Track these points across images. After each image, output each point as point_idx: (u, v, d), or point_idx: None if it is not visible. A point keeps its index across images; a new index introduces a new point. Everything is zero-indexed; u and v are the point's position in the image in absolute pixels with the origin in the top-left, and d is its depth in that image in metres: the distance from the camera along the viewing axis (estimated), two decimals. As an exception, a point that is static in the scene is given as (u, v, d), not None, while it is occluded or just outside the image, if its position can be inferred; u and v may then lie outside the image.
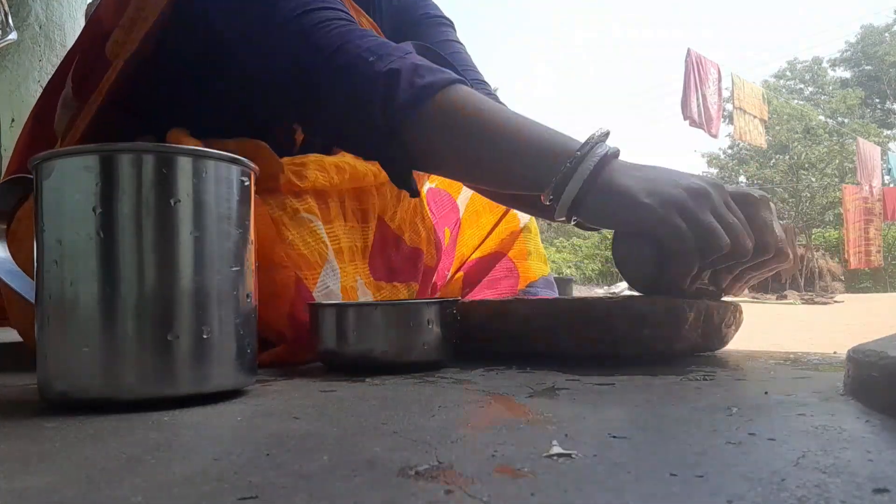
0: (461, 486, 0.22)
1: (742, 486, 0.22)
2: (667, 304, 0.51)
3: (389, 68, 0.56)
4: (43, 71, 2.34)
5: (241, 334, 0.40)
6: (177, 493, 0.22)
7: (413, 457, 0.26)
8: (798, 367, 0.50)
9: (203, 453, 0.27)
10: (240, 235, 0.41)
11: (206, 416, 0.35)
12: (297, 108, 0.63)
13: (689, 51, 8.36)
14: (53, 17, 2.38)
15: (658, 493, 0.21)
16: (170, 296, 0.37)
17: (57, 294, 0.37)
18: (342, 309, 0.51)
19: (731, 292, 0.58)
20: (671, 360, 0.54)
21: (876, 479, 0.22)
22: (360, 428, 0.31)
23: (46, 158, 0.38)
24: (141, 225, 0.37)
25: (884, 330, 0.52)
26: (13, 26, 2.20)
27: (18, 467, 0.26)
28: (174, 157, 0.38)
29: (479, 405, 0.37)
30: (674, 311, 0.51)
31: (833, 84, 26.24)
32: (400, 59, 0.56)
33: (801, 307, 9.09)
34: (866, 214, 11.78)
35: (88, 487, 0.23)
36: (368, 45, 0.58)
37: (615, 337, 0.52)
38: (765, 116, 9.91)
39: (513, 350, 0.56)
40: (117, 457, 0.27)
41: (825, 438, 0.28)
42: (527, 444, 0.28)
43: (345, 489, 0.22)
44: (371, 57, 0.57)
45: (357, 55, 0.57)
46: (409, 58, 0.57)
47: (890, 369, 0.32)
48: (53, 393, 0.37)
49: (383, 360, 0.50)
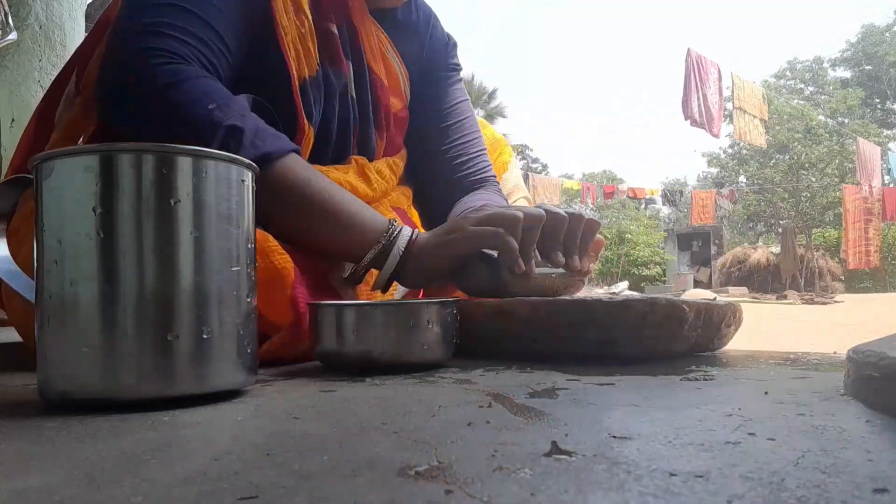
0: (461, 486, 0.22)
1: (742, 486, 0.22)
2: (667, 304, 0.51)
3: (232, 124, 0.57)
4: (43, 71, 2.34)
5: (241, 334, 0.40)
6: (177, 493, 0.22)
7: (413, 457, 0.26)
8: (798, 367, 0.50)
9: (203, 453, 0.27)
10: (240, 235, 0.41)
11: (206, 416, 0.35)
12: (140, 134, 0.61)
13: (689, 51, 8.36)
14: (53, 17, 2.38)
15: (658, 493, 0.21)
16: (170, 296, 0.37)
17: (57, 294, 0.37)
18: (342, 309, 0.51)
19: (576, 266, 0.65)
20: (671, 360, 0.54)
21: (876, 479, 0.22)
22: (360, 428, 0.31)
23: (46, 158, 0.38)
24: (141, 225, 0.37)
25: (884, 330, 0.52)
26: (13, 26, 2.20)
27: (18, 467, 0.26)
28: (174, 157, 0.38)
29: (479, 405, 0.37)
30: (674, 311, 0.51)
31: (833, 84, 26.23)
32: (241, 117, 0.58)
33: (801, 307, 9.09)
34: (866, 214, 11.78)
35: (88, 487, 0.23)
36: (206, 89, 0.58)
37: (615, 337, 0.52)
38: (765, 116, 9.91)
39: (513, 350, 0.56)
40: (117, 457, 0.27)
41: (825, 438, 0.28)
42: (527, 444, 0.28)
43: (345, 489, 0.22)
44: (211, 104, 0.57)
45: (194, 98, 0.57)
46: (249, 118, 0.59)
47: (890, 369, 0.32)
48: (53, 393, 0.37)
49: (383, 360, 0.50)
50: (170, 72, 0.58)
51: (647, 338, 0.51)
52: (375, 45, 0.81)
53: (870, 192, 11.71)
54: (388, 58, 0.84)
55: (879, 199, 11.79)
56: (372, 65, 0.81)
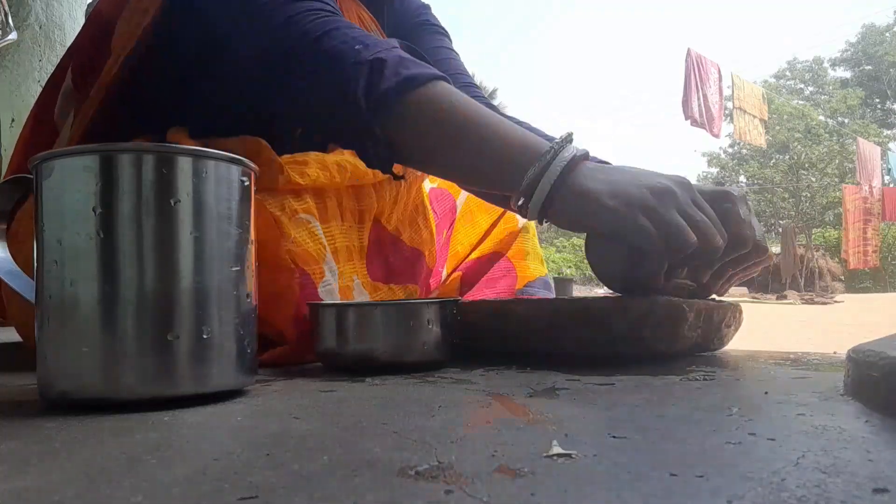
0: (461, 486, 0.22)
1: (742, 486, 0.22)
2: (667, 304, 0.51)
3: (376, 56, 0.57)
4: (43, 71, 2.34)
5: (241, 334, 0.40)
6: (177, 493, 0.22)
7: (413, 457, 0.26)
8: (798, 367, 0.50)
9: (203, 453, 0.27)
10: (240, 235, 0.41)
11: (206, 416, 0.35)
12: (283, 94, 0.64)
13: (689, 50, 8.36)
14: (53, 17, 2.38)
15: (658, 493, 0.21)
16: (170, 296, 0.37)
17: (57, 294, 0.37)
18: (342, 309, 0.51)
19: (714, 290, 0.58)
20: (671, 360, 0.54)
21: (876, 479, 0.22)
22: (360, 428, 0.31)
23: (46, 158, 0.38)
24: (141, 225, 0.37)
25: (884, 330, 0.52)
26: (13, 26, 2.20)
27: (18, 467, 0.26)
28: (174, 157, 0.38)
29: (479, 405, 0.37)
30: (674, 311, 0.51)
31: (833, 84, 26.24)
32: (386, 51, 0.58)
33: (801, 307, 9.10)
34: (865, 214, 11.78)
35: (88, 487, 0.23)
36: (355, 34, 0.59)
37: (615, 337, 0.52)
38: (765, 116, 9.91)
39: (513, 350, 0.56)
40: (117, 457, 0.27)
41: (825, 438, 0.28)
42: (527, 444, 0.28)
43: (345, 489, 0.22)
44: (357, 45, 0.58)
45: (343, 41, 0.58)
46: (395, 50, 0.59)
47: (890, 369, 0.32)
48: (53, 393, 0.37)
49: (383, 360, 0.50)
50: (323, 22, 0.59)
51: (647, 338, 0.51)
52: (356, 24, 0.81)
53: (870, 191, 11.71)
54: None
55: (879, 199, 11.79)
56: None
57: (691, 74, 8.23)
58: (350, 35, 0.59)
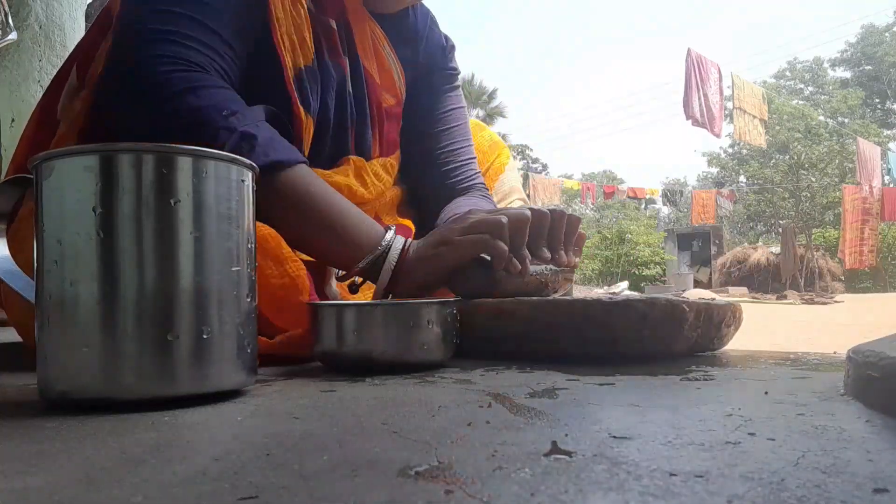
0: (461, 486, 0.22)
1: (742, 486, 0.22)
2: (667, 305, 0.51)
3: (246, 130, 0.58)
4: (43, 71, 2.34)
5: (241, 334, 0.40)
6: (177, 493, 0.22)
7: (413, 457, 0.26)
8: (798, 367, 0.50)
9: (203, 453, 0.27)
10: (240, 235, 0.41)
11: (206, 416, 0.35)
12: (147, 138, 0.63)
13: (690, 50, 8.36)
14: (53, 17, 2.38)
15: (658, 493, 0.21)
16: (170, 296, 0.37)
17: (57, 294, 0.37)
18: (342, 309, 0.51)
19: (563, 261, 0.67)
20: (671, 360, 0.54)
21: (876, 479, 0.22)
22: (360, 428, 0.31)
23: (46, 158, 0.38)
24: (141, 225, 0.37)
25: (884, 330, 0.52)
26: (13, 26, 2.20)
27: (18, 467, 0.26)
28: (174, 157, 0.38)
29: (479, 405, 0.37)
30: (674, 311, 0.51)
31: (833, 84, 26.23)
32: (255, 126, 0.59)
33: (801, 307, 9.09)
34: (864, 214, 11.77)
35: (88, 487, 0.23)
36: (222, 96, 0.60)
37: (615, 337, 0.52)
38: (765, 116, 9.91)
39: (513, 350, 0.56)
40: (117, 457, 0.27)
41: (825, 438, 0.28)
42: (527, 444, 0.28)
43: (345, 489, 0.22)
44: (225, 111, 0.58)
45: (210, 105, 0.58)
46: (263, 126, 0.61)
47: (890, 369, 0.32)
48: (53, 393, 0.37)
49: (383, 360, 0.50)
50: (185, 78, 0.59)
51: (647, 338, 0.51)
52: (369, 42, 0.82)
53: (870, 191, 11.71)
54: (383, 54, 0.84)
55: (879, 200, 11.79)
56: (364, 62, 0.81)
57: (691, 74, 8.24)
58: (219, 98, 0.59)
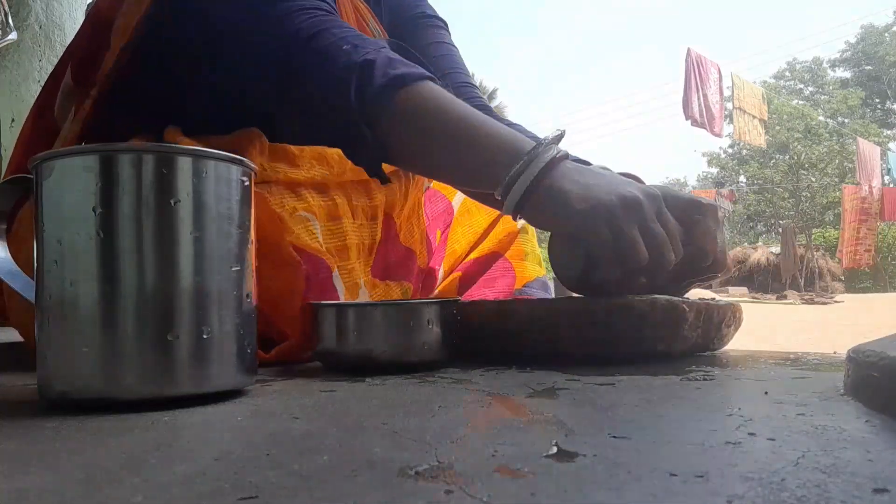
0: (461, 486, 0.22)
1: (742, 486, 0.22)
2: (667, 304, 0.51)
3: (365, 58, 0.58)
4: (43, 71, 2.34)
5: (241, 334, 0.40)
6: (177, 493, 0.22)
7: (413, 457, 0.26)
8: (798, 367, 0.50)
9: (203, 453, 0.27)
10: (240, 235, 0.41)
11: (206, 416, 0.35)
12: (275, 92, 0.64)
13: (689, 50, 8.36)
14: (53, 17, 2.38)
15: (658, 493, 0.21)
16: (170, 296, 0.37)
17: (57, 294, 0.37)
18: (342, 309, 0.51)
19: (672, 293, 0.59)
20: (671, 360, 0.54)
21: (876, 479, 0.22)
22: (360, 428, 0.31)
23: (46, 158, 0.38)
24: (141, 225, 0.37)
25: (884, 330, 0.52)
26: (13, 26, 2.20)
27: (18, 467, 0.26)
28: (174, 157, 0.38)
29: (479, 405, 0.37)
30: (674, 311, 0.51)
31: (833, 84, 26.23)
32: (375, 52, 0.59)
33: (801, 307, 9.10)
34: (863, 214, 11.77)
35: (88, 487, 0.23)
36: (344, 34, 0.60)
37: (615, 337, 0.52)
38: (764, 116, 9.91)
39: (513, 350, 0.56)
40: (117, 457, 0.27)
41: (825, 438, 0.28)
42: (527, 444, 0.28)
43: (345, 489, 0.22)
44: (346, 46, 0.59)
45: (333, 43, 0.59)
46: (383, 51, 0.60)
47: (890, 369, 0.32)
48: (53, 393, 0.37)
49: (383, 360, 0.50)
50: (312, 23, 0.60)
51: (647, 338, 0.51)
52: (353, 18, 0.82)
53: (869, 191, 11.71)
54: (368, 30, 0.84)
55: (878, 199, 11.79)
56: None
57: (691, 74, 8.24)
58: (339, 35, 0.60)
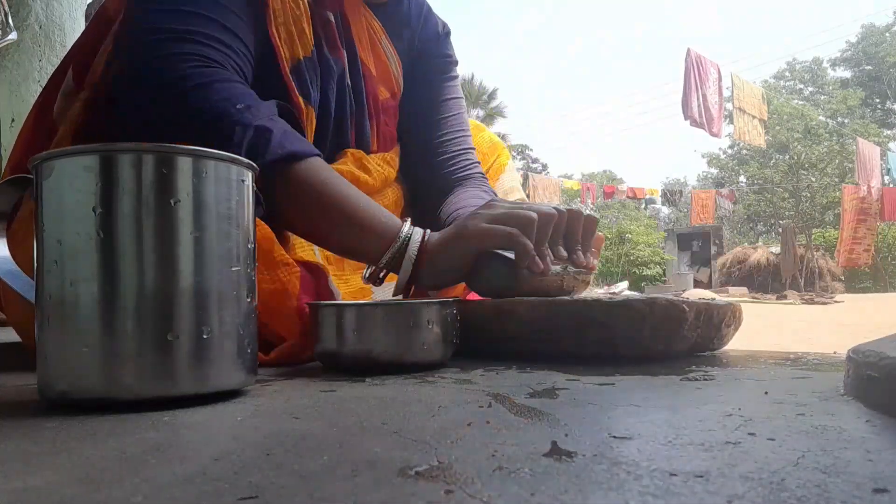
0: (461, 486, 0.22)
1: (742, 486, 0.22)
2: (667, 305, 0.51)
3: (262, 124, 0.58)
4: (43, 71, 2.34)
5: (241, 334, 0.40)
6: (177, 493, 0.22)
7: (413, 457, 0.26)
8: (798, 367, 0.50)
9: (203, 453, 0.27)
10: (240, 235, 0.41)
11: (206, 416, 0.35)
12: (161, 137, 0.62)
13: (689, 50, 8.36)
14: (53, 17, 2.38)
15: (658, 493, 0.21)
16: (170, 296, 0.37)
17: (57, 294, 0.37)
18: (342, 309, 0.51)
19: (581, 262, 0.66)
20: (671, 360, 0.54)
21: (876, 479, 0.22)
22: (360, 428, 0.31)
23: (46, 158, 0.38)
24: (141, 225, 0.37)
25: (884, 330, 0.52)
26: (13, 26, 2.20)
27: (18, 467, 0.26)
28: (174, 157, 0.38)
29: (479, 405, 0.37)
30: (674, 311, 0.51)
31: (833, 84, 26.22)
32: (270, 119, 0.59)
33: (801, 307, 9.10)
34: (863, 214, 11.77)
35: (88, 487, 0.23)
36: (235, 91, 0.59)
37: (615, 337, 0.52)
38: (764, 116, 9.91)
39: (513, 350, 0.56)
40: (117, 457, 0.27)
41: (825, 438, 0.28)
42: (527, 444, 0.28)
43: (345, 489, 0.22)
44: (239, 104, 0.58)
45: (224, 98, 0.58)
46: (277, 121, 0.60)
47: (890, 369, 0.32)
48: (53, 393, 0.37)
49: (383, 360, 0.50)
50: (201, 73, 0.59)
51: (647, 338, 0.51)
52: (365, 35, 0.82)
53: (869, 191, 11.71)
54: (380, 47, 0.85)
55: (878, 199, 11.79)
56: (361, 54, 0.82)
57: (691, 74, 8.24)
58: (233, 92, 0.59)
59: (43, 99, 0.75)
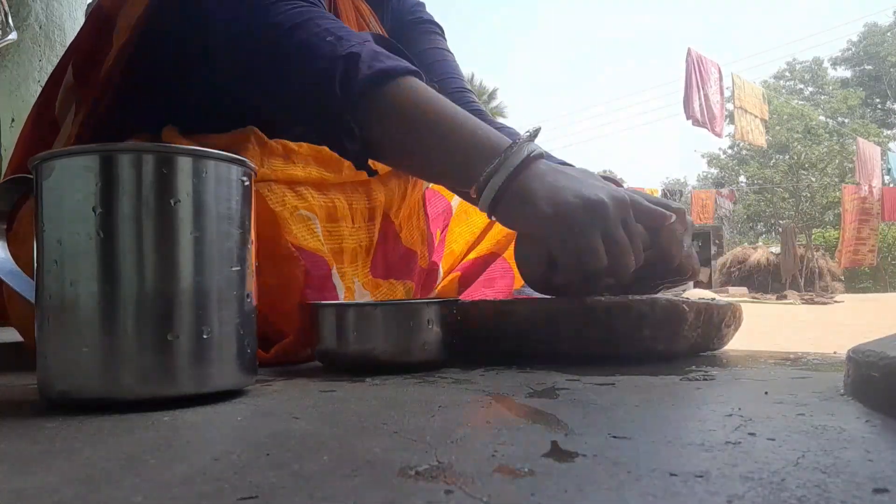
0: (461, 486, 0.22)
1: (742, 486, 0.22)
2: (667, 305, 0.51)
3: (350, 51, 0.57)
4: (43, 71, 2.34)
5: (241, 334, 0.40)
6: (177, 493, 0.22)
7: (413, 457, 0.26)
8: (798, 367, 0.50)
9: (203, 453, 0.27)
10: (240, 235, 0.41)
11: (206, 416, 0.35)
12: (261, 86, 0.63)
13: (690, 50, 8.37)
14: (53, 17, 2.38)
15: (658, 493, 0.21)
16: (170, 296, 0.37)
17: (57, 294, 0.37)
18: (342, 309, 0.51)
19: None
20: (671, 360, 0.54)
21: (876, 479, 0.22)
22: (360, 428, 0.31)
23: (46, 158, 0.38)
24: (141, 225, 0.37)
25: (884, 330, 0.52)
26: (13, 26, 2.20)
27: (18, 467, 0.26)
28: (174, 157, 0.38)
29: (479, 405, 0.37)
30: (674, 311, 0.51)
31: (833, 84, 26.22)
32: (359, 44, 0.58)
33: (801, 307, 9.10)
34: (864, 214, 11.77)
35: (88, 487, 0.23)
36: (328, 25, 0.59)
37: (615, 337, 0.52)
38: (765, 116, 9.92)
39: (513, 350, 0.56)
40: (117, 457, 0.27)
41: (825, 438, 0.28)
42: (527, 444, 0.28)
43: (345, 489, 0.22)
44: (330, 37, 0.58)
45: (316, 34, 0.58)
46: (367, 44, 0.59)
47: (890, 369, 0.32)
48: (53, 393, 0.37)
49: (383, 360, 0.50)
50: (296, 13, 0.59)
51: (647, 338, 0.51)
52: (353, 17, 0.82)
53: (869, 191, 11.70)
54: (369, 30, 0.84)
55: (879, 199, 11.78)
56: None
57: (692, 74, 8.24)
58: (323, 26, 0.59)
59: (42, 100, 0.75)
